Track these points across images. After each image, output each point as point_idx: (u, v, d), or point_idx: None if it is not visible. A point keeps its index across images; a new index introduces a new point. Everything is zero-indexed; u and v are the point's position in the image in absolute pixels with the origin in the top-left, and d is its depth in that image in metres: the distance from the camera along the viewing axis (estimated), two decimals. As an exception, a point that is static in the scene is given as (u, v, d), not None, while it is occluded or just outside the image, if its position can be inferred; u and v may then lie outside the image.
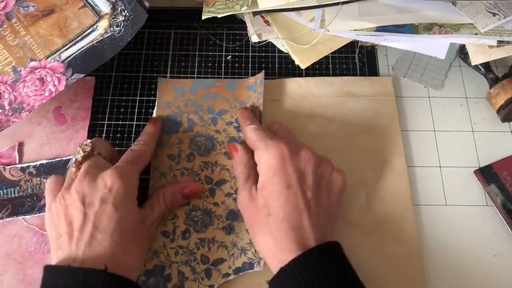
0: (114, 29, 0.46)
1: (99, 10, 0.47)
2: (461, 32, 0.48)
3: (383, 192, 0.47)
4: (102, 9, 0.47)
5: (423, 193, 0.48)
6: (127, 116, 0.52)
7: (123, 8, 0.46)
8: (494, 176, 0.48)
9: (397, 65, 0.55)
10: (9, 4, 0.47)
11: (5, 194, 0.47)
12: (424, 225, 0.47)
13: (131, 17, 0.46)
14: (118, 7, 0.46)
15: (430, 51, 0.51)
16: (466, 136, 0.51)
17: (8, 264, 0.45)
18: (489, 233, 0.46)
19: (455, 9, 0.48)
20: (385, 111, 0.51)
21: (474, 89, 0.54)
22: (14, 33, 0.46)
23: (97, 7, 0.47)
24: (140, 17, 0.47)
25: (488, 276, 0.45)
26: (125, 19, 0.46)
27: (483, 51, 0.49)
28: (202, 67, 0.55)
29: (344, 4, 0.49)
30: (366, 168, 0.49)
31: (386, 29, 0.49)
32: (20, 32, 0.46)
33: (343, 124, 0.51)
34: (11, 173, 0.48)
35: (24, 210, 0.46)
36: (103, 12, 0.47)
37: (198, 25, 0.57)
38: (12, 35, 0.46)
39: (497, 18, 0.47)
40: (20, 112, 0.45)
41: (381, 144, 0.50)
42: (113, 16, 0.46)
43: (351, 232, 0.46)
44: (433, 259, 0.45)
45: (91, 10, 0.46)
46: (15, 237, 0.46)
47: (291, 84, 0.53)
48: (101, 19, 0.47)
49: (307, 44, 0.51)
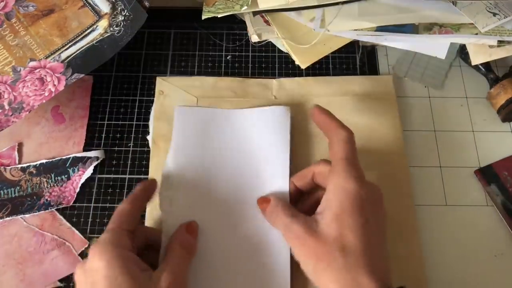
0: (114, 28, 0.46)
1: (99, 10, 0.47)
2: (462, 32, 0.48)
3: (383, 192, 0.47)
4: (102, 9, 0.47)
5: (423, 193, 0.48)
6: (127, 116, 0.52)
7: (123, 8, 0.46)
8: (494, 176, 0.48)
9: (398, 65, 0.55)
10: (8, 4, 0.47)
11: (6, 194, 0.47)
12: (424, 225, 0.47)
13: (131, 17, 0.46)
14: (118, 7, 0.46)
15: (431, 51, 0.51)
16: (467, 136, 0.51)
17: (8, 264, 0.45)
18: (489, 233, 0.46)
19: (455, 9, 0.48)
20: (385, 111, 0.51)
21: (474, 89, 0.54)
22: (14, 33, 0.46)
23: (97, 7, 0.46)
24: (140, 17, 0.47)
25: (488, 276, 0.45)
26: (125, 19, 0.46)
27: (483, 51, 0.49)
28: (202, 67, 0.55)
29: (344, 4, 0.49)
30: (366, 168, 0.48)
31: (386, 29, 0.49)
32: (19, 32, 0.46)
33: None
34: (12, 173, 0.48)
35: (24, 209, 0.46)
36: (103, 12, 0.47)
37: (198, 25, 0.57)
38: (12, 35, 0.46)
39: (497, 18, 0.47)
40: (20, 112, 0.45)
41: (382, 144, 0.50)
42: (113, 16, 0.46)
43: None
44: (434, 259, 0.45)
45: (90, 10, 0.46)
46: (15, 237, 0.46)
47: (291, 84, 0.53)
48: (101, 19, 0.47)
49: (307, 44, 0.51)
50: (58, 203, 0.47)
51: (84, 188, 0.48)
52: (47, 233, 0.46)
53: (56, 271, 0.44)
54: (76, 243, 0.46)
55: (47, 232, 0.46)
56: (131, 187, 0.48)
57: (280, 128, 0.48)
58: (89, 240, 0.46)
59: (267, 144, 0.47)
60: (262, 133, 0.48)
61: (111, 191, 0.48)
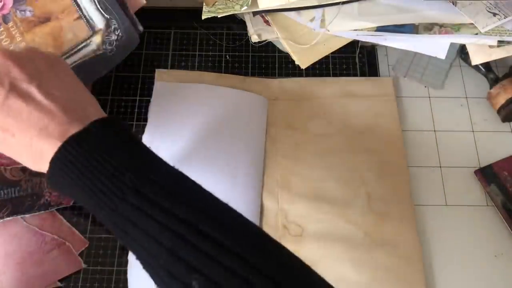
0: (106, 47, 0.46)
1: (93, 24, 0.47)
2: (462, 32, 0.48)
3: (383, 192, 0.47)
4: (96, 24, 0.47)
5: (423, 193, 0.48)
6: (127, 116, 0.52)
7: (116, 27, 0.46)
8: (494, 176, 0.48)
9: (398, 65, 0.55)
10: (6, 5, 0.47)
11: (6, 194, 0.47)
12: (424, 225, 0.47)
13: (123, 38, 0.47)
14: (112, 25, 0.46)
15: (431, 51, 0.51)
16: (467, 136, 0.51)
17: (8, 264, 0.45)
18: (490, 234, 0.46)
19: (455, 9, 0.48)
20: (385, 111, 0.51)
21: (474, 89, 0.54)
22: (10, 37, 0.46)
23: (92, 21, 0.47)
24: (133, 40, 0.47)
25: (488, 276, 0.45)
26: (117, 38, 0.46)
27: (483, 51, 0.49)
28: (202, 67, 0.55)
29: (344, 4, 0.49)
30: (367, 168, 0.48)
31: (386, 29, 0.49)
32: (16, 37, 0.46)
33: (343, 124, 0.51)
34: (12, 173, 0.48)
35: (24, 209, 0.46)
36: (97, 27, 0.47)
37: (198, 25, 0.57)
38: (8, 39, 0.46)
39: (497, 18, 0.47)
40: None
41: (382, 144, 0.50)
42: (106, 34, 0.46)
43: (351, 232, 0.46)
44: (433, 260, 0.45)
45: (85, 23, 0.46)
46: (15, 237, 0.46)
47: (291, 84, 0.53)
48: (95, 34, 0.47)
49: (307, 44, 0.51)
50: (58, 203, 0.47)
51: (84, 188, 0.48)
52: (47, 233, 0.46)
53: (56, 271, 0.44)
54: (76, 243, 0.46)
55: (47, 232, 0.46)
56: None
57: (257, 117, 0.49)
58: (89, 240, 0.46)
59: (243, 130, 0.48)
60: (240, 116, 0.49)
61: (111, 191, 0.48)
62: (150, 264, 0.29)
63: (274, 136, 0.50)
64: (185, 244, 0.28)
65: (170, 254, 0.28)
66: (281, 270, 0.29)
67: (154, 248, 0.28)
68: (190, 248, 0.28)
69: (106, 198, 0.30)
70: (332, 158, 0.48)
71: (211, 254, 0.28)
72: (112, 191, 0.30)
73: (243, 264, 0.28)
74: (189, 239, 0.28)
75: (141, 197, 0.29)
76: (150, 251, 0.29)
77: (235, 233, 0.30)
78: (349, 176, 0.48)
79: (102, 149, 0.31)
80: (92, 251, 0.45)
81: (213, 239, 0.28)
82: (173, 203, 0.29)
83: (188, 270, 0.27)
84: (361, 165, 0.48)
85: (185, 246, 0.28)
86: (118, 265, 0.45)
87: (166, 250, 0.28)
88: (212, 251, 0.28)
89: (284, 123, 0.50)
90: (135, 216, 0.29)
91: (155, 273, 0.29)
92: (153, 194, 0.29)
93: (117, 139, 0.32)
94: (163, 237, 0.28)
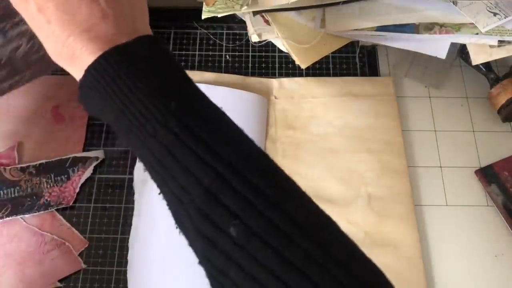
0: None
1: None
2: (462, 32, 0.48)
3: (383, 192, 0.47)
4: None
5: (424, 193, 0.48)
6: (127, 116, 0.52)
7: None
8: (494, 176, 0.48)
9: (398, 65, 0.55)
10: None
11: (5, 194, 0.47)
12: (424, 225, 0.47)
13: None
14: None
15: (431, 51, 0.51)
16: (467, 136, 0.51)
17: (8, 264, 0.45)
18: (490, 234, 0.46)
19: (455, 8, 0.48)
20: (385, 111, 0.51)
21: (474, 89, 0.54)
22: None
23: None
24: None
25: (488, 276, 0.45)
26: None
27: (484, 51, 0.49)
28: (202, 67, 0.55)
29: (344, 4, 0.49)
30: (367, 168, 0.48)
31: (387, 29, 0.49)
32: None
33: (343, 124, 0.50)
34: (12, 173, 0.48)
35: (23, 209, 0.46)
36: None
37: (198, 24, 0.57)
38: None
39: (498, 18, 0.47)
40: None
41: (382, 144, 0.50)
42: None
43: (351, 232, 0.45)
44: (434, 260, 0.45)
45: None
46: (15, 237, 0.46)
47: (291, 84, 0.53)
48: None
49: (307, 44, 0.51)
50: (58, 203, 0.47)
51: (84, 188, 0.48)
52: (47, 233, 0.46)
53: (56, 271, 0.44)
54: (76, 243, 0.46)
55: (47, 232, 0.46)
56: (131, 187, 0.48)
57: (257, 116, 0.49)
58: (89, 240, 0.46)
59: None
60: (239, 116, 0.48)
61: (110, 191, 0.48)
62: (183, 202, 0.26)
63: (274, 136, 0.50)
64: (227, 186, 0.25)
65: (209, 194, 0.25)
66: (324, 233, 0.28)
67: (191, 185, 0.25)
68: (231, 192, 0.25)
69: (145, 121, 0.26)
70: (332, 158, 0.48)
71: (253, 202, 0.25)
72: (153, 114, 0.26)
73: (284, 217, 0.26)
74: (230, 182, 0.25)
75: (184, 127, 0.26)
76: (186, 188, 0.26)
77: (279, 183, 0.27)
78: (349, 176, 0.48)
79: (148, 67, 0.27)
80: (92, 251, 0.45)
81: (255, 186, 0.26)
82: (216, 141, 0.26)
83: (227, 214, 0.25)
84: (361, 165, 0.48)
85: (226, 188, 0.25)
86: (118, 265, 0.45)
87: (204, 189, 0.25)
88: (254, 199, 0.25)
89: (284, 123, 0.50)
90: (175, 146, 0.26)
91: (185, 213, 0.26)
92: (198, 127, 0.26)
93: (163, 60, 0.29)
94: (203, 175, 0.25)
